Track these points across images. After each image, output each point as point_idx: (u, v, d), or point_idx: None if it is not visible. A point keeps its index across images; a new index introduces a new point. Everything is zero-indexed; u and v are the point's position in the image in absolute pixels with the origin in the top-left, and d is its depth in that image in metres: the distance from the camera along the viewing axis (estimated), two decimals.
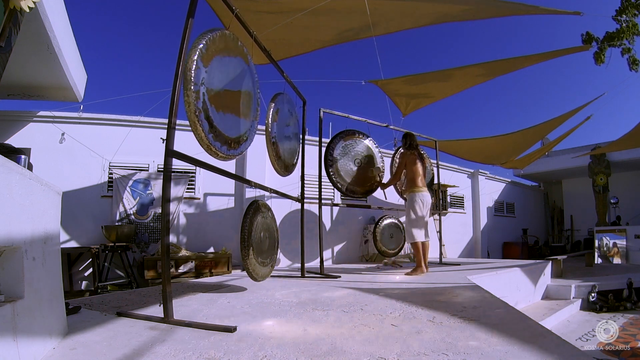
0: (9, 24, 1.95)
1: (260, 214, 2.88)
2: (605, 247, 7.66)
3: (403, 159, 4.34)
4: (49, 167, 4.70)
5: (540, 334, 1.54)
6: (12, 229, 1.15)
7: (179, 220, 5.39)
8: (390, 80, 5.02)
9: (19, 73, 3.90)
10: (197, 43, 2.02)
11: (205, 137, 2.06)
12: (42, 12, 2.97)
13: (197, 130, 2.01)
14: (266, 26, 3.38)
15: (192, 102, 1.93)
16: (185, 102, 1.93)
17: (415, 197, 4.11)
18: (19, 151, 1.89)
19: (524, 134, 6.75)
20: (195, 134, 2.04)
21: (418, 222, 4.08)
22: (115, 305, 2.32)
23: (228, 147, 2.32)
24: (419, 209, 4.08)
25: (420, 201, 4.09)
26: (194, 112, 1.95)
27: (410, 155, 4.29)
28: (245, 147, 2.61)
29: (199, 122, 2.00)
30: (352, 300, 2.43)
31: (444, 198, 8.27)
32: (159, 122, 5.45)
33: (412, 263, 5.95)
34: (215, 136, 2.16)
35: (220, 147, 2.22)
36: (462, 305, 2.18)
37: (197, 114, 1.98)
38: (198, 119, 1.98)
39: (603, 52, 4.96)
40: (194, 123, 1.98)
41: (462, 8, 3.85)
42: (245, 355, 1.32)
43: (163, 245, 1.80)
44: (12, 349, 1.08)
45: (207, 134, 2.07)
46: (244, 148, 2.57)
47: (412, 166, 4.23)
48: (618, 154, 8.93)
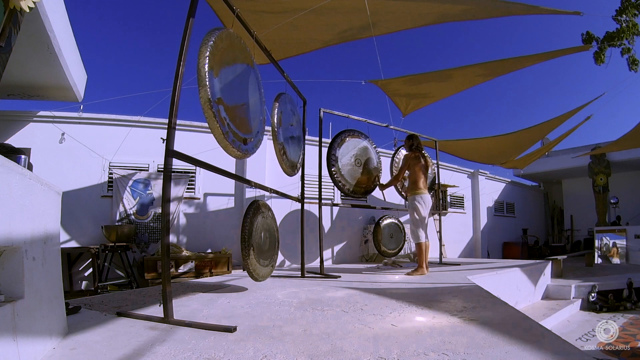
0: (9, 24, 1.95)
1: (261, 214, 2.88)
2: (605, 247, 7.66)
3: (407, 160, 4.35)
4: (49, 167, 4.70)
5: (540, 334, 1.54)
6: (12, 229, 1.14)
7: (179, 220, 5.39)
8: (390, 80, 5.02)
9: (19, 73, 3.90)
10: (207, 40, 2.03)
11: (222, 134, 2.08)
12: (42, 12, 2.97)
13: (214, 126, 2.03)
14: (266, 26, 3.38)
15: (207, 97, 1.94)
16: (201, 97, 1.95)
17: (418, 198, 4.17)
18: (19, 151, 1.89)
19: (524, 134, 6.74)
20: (213, 130, 2.06)
21: (422, 223, 4.16)
22: (115, 305, 2.32)
23: (243, 142, 2.35)
24: (422, 210, 4.15)
25: (423, 202, 4.17)
26: (210, 107, 1.97)
27: (415, 158, 4.31)
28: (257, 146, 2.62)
29: (217, 117, 2.01)
30: (352, 300, 2.43)
31: (444, 198, 8.27)
32: (159, 122, 5.45)
33: (411, 263, 5.95)
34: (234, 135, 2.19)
35: (235, 143, 2.25)
36: (462, 305, 2.18)
37: (215, 110, 1.99)
38: (215, 114, 2.00)
39: (603, 52, 4.96)
40: (211, 117, 1.99)
41: (462, 8, 3.84)
42: (245, 355, 1.32)
43: (163, 245, 1.80)
44: (12, 349, 1.08)
45: (225, 130, 2.10)
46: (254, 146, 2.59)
47: (416, 168, 4.26)
48: (618, 154, 8.93)
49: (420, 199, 4.17)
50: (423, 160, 4.33)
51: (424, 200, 4.18)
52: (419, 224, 4.15)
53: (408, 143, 4.50)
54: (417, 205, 4.15)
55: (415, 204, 4.17)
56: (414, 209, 4.17)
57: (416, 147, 4.40)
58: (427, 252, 4.20)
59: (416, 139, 4.48)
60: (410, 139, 4.48)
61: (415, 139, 4.48)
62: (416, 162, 4.27)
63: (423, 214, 4.15)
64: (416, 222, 4.16)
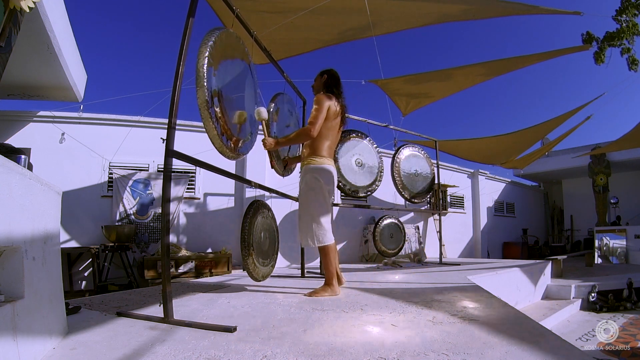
0: (9, 24, 1.95)
1: (261, 214, 2.88)
2: (605, 247, 7.66)
3: (322, 104, 2.57)
4: (49, 167, 4.70)
5: (540, 334, 1.54)
6: (12, 229, 1.14)
7: (179, 220, 5.39)
8: (390, 80, 5.02)
9: (19, 73, 3.90)
10: (206, 40, 2.05)
11: (218, 136, 2.09)
12: (42, 12, 2.97)
13: (209, 127, 2.05)
14: (266, 26, 3.37)
15: (204, 98, 1.96)
16: (198, 97, 1.96)
17: (318, 172, 2.62)
18: (19, 151, 1.89)
19: (524, 134, 6.75)
20: (208, 132, 2.08)
21: (323, 213, 2.60)
22: (115, 305, 2.32)
23: (236, 146, 2.36)
24: (323, 191, 2.61)
25: (323, 180, 2.61)
26: (207, 108, 1.98)
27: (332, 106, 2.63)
28: (250, 146, 2.63)
29: (212, 119, 2.03)
30: (351, 300, 2.43)
31: (444, 198, 8.27)
32: (159, 122, 5.45)
33: (412, 263, 5.95)
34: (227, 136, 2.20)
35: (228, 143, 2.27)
36: (462, 305, 2.18)
37: (210, 111, 2.00)
38: (211, 115, 2.01)
39: (603, 52, 4.95)
40: (207, 119, 2.01)
41: (462, 8, 3.84)
42: (245, 355, 1.32)
43: (163, 245, 1.80)
44: (12, 349, 1.08)
45: (220, 131, 2.11)
46: (248, 147, 2.60)
47: (327, 122, 2.62)
48: (618, 154, 8.93)
49: (320, 173, 2.60)
50: (341, 114, 2.72)
51: (326, 175, 2.61)
52: (317, 215, 2.56)
53: (320, 80, 2.80)
54: (315, 182, 2.59)
55: (313, 182, 2.59)
56: (311, 190, 2.60)
57: (335, 88, 2.74)
58: (335, 258, 2.64)
59: (333, 77, 2.77)
60: (324, 75, 2.79)
61: (332, 77, 2.77)
62: (334, 114, 2.65)
63: (325, 198, 2.61)
64: (313, 212, 2.57)
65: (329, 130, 2.65)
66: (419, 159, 5.97)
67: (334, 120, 2.66)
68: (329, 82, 2.75)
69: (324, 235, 2.55)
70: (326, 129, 2.62)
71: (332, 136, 2.70)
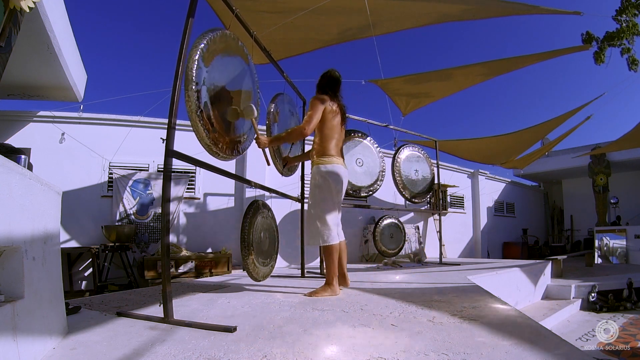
0: (9, 24, 1.95)
1: (261, 214, 2.88)
2: (605, 247, 7.66)
3: (317, 105, 2.61)
4: (49, 167, 4.70)
5: (540, 334, 1.54)
6: (12, 229, 1.15)
7: (179, 220, 5.39)
8: (390, 80, 5.02)
9: (19, 73, 3.90)
10: (198, 42, 2.03)
11: (206, 137, 2.06)
12: (42, 12, 2.98)
13: (198, 130, 2.02)
14: (266, 26, 3.38)
15: (193, 101, 1.94)
16: (187, 101, 1.94)
17: (327, 171, 2.63)
18: (19, 151, 1.89)
19: (524, 134, 6.75)
20: (197, 133, 2.05)
21: (330, 212, 2.64)
22: (115, 305, 2.32)
23: (228, 147, 2.33)
24: (332, 191, 2.64)
25: (332, 179, 2.64)
26: (195, 111, 1.96)
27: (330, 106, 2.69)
28: (246, 147, 2.62)
29: (200, 121, 2.00)
30: (351, 300, 2.43)
31: (444, 198, 8.26)
32: (159, 122, 5.45)
33: (412, 263, 5.95)
34: (216, 135, 2.17)
35: (221, 147, 2.23)
36: (462, 305, 2.18)
37: (199, 114, 1.98)
38: (199, 118, 1.99)
39: (603, 52, 4.95)
40: (195, 122, 1.98)
41: (462, 8, 3.85)
42: (245, 355, 1.32)
43: (163, 245, 1.80)
44: (12, 349, 1.08)
45: (208, 133, 2.08)
46: (244, 148, 2.58)
47: (328, 123, 2.68)
48: (618, 154, 8.93)
49: (330, 172, 2.62)
50: (341, 114, 2.77)
51: (335, 175, 2.63)
52: (323, 214, 2.60)
53: (321, 82, 2.82)
54: (323, 182, 2.62)
55: (320, 181, 2.63)
56: (317, 187, 2.63)
57: (331, 90, 2.76)
58: (338, 258, 2.64)
59: (328, 78, 2.79)
60: (324, 78, 2.81)
61: (324, 78, 2.80)
62: (332, 113, 2.68)
63: (332, 197, 2.64)
64: (319, 211, 2.61)
65: (331, 130, 2.71)
66: (420, 162, 5.95)
67: (334, 119, 2.72)
68: (323, 82, 2.82)
69: (328, 235, 2.58)
70: (328, 129, 2.70)
71: (337, 134, 2.75)
